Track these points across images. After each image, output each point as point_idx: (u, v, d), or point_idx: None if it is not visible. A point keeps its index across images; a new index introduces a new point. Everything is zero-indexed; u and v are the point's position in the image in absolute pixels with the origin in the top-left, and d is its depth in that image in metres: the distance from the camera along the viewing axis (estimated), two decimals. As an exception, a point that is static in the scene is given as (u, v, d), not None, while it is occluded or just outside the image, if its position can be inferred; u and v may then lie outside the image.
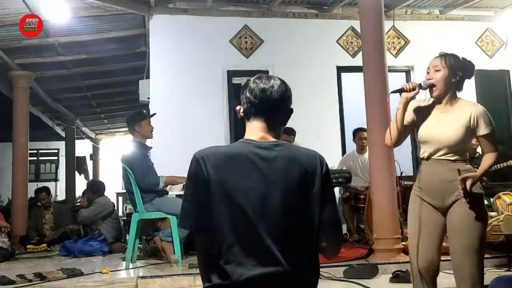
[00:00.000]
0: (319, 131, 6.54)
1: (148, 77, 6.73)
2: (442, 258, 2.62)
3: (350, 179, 5.63)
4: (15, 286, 3.80)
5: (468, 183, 2.38)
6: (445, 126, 2.50)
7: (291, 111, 1.71)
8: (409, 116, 2.62)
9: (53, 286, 3.78)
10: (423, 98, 2.66)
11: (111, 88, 10.23)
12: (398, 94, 2.58)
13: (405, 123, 2.60)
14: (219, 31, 6.72)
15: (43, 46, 7.46)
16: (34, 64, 8.11)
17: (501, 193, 4.90)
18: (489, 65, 7.36)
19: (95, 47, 7.64)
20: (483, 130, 2.49)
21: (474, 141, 6.12)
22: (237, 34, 6.77)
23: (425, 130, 2.55)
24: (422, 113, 2.60)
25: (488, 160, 2.55)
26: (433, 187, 2.52)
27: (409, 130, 2.66)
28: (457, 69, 2.53)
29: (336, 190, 6.40)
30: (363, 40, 4.84)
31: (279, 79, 1.71)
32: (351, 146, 6.49)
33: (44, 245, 6.56)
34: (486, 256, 4.18)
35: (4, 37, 6.91)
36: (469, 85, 7.66)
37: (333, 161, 6.12)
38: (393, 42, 7.15)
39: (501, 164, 5.99)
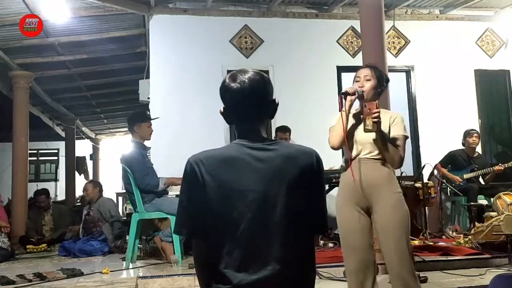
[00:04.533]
0: (319, 131, 6.47)
1: (148, 77, 6.73)
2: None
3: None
4: (15, 286, 3.79)
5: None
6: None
7: (272, 101, 1.64)
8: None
9: (53, 286, 3.77)
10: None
11: (111, 88, 10.23)
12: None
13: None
14: (219, 31, 6.72)
15: (43, 46, 7.46)
16: (34, 64, 8.11)
17: (501, 193, 4.91)
18: (489, 65, 7.37)
19: (95, 47, 7.65)
20: (397, 131, 2.67)
21: (471, 140, 6.17)
22: (237, 34, 6.77)
23: (354, 132, 2.71)
24: (351, 119, 2.75)
25: (394, 147, 2.64)
26: (359, 185, 2.63)
27: None
28: (382, 80, 2.76)
29: (336, 190, 6.39)
30: (363, 40, 4.83)
31: (252, 73, 1.62)
32: (351, 146, 6.46)
33: (44, 245, 6.54)
34: (486, 256, 4.23)
35: (4, 37, 6.92)
36: (469, 85, 7.72)
37: (333, 161, 6.05)
38: (393, 42, 7.15)
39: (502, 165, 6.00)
